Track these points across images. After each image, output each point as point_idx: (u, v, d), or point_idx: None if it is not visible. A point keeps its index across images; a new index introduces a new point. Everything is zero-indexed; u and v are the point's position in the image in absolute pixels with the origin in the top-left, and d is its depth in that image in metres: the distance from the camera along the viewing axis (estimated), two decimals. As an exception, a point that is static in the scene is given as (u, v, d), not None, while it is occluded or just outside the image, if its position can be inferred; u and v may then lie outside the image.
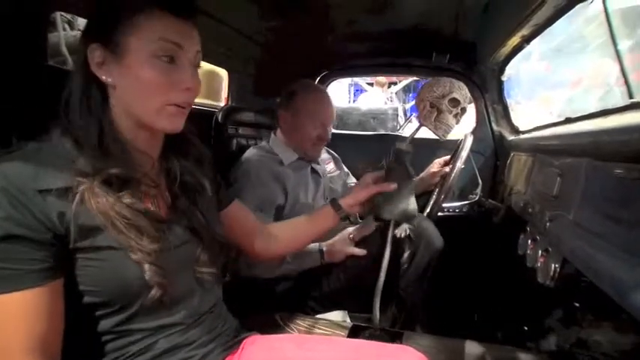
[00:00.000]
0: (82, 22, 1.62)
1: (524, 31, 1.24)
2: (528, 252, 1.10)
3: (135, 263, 0.63)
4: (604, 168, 0.73)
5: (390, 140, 2.23)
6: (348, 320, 1.33)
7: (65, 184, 0.59)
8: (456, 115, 1.21)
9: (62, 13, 1.44)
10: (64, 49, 1.34)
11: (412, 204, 1.06)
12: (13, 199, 0.55)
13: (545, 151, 1.20)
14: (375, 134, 2.47)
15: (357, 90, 7.77)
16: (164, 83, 0.66)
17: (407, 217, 1.06)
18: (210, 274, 0.78)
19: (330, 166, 1.79)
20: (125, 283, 0.64)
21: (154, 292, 0.65)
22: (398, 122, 3.77)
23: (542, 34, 1.27)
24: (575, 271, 0.83)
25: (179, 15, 0.67)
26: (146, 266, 0.64)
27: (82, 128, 0.64)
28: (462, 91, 1.20)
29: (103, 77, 0.65)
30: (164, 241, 0.68)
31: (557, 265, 0.90)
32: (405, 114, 4.72)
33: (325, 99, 1.55)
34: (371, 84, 5.99)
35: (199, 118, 1.46)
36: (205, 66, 1.97)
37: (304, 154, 1.54)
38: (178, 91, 0.68)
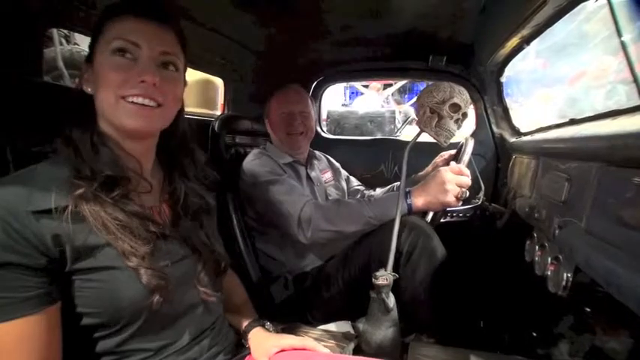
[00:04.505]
0: (78, 37, 1.61)
1: (524, 32, 1.20)
2: (536, 259, 1.07)
3: (134, 280, 0.63)
4: (619, 174, 0.70)
5: (387, 144, 2.22)
6: (352, 331, 1.30)
7: (59, 203, 0.59)
8: (457, 121, 1.18)
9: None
10: (61, 64, 1.34)
11: (390, 335, 1.07)
12: (6, 226, 0.54)
13: (549, 154, 1.17)
14: (372, 139, 2.43)
15: (352, 92, 7.78)
16: (119, 78, 0.67)
17: (383, 350, 1.06)
18: (212, 293, 0.79)
19: (327, 175, 1.82)
20: (125, 302, 0.63)
21: (156, 300, 0.65)
22: (395, 125, 3.75)
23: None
24: (589, 279, 0.79)
25: (138, 16, 0.69)
26: (142, 271, 0.63)
27: (79, 140, 0.67)
28: (462, 95, 1.16)
29: (89, 90, 0.70)
30: (159, 251, 0.68)
31: (569, 275, 0.86)
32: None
33: (286, 92, 1.62)
34: (366, 86, 6.01)
35: (196, 128, 1.46)
36: (201, 75, 1.95)
37: (292, 154, 1.60)
38: (133, 83, 0.68)
